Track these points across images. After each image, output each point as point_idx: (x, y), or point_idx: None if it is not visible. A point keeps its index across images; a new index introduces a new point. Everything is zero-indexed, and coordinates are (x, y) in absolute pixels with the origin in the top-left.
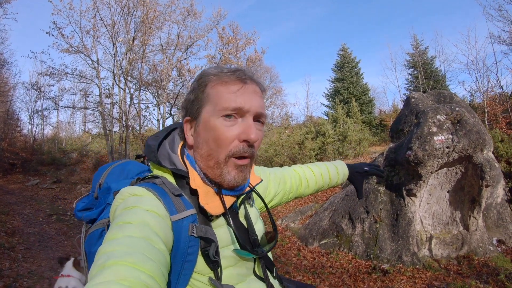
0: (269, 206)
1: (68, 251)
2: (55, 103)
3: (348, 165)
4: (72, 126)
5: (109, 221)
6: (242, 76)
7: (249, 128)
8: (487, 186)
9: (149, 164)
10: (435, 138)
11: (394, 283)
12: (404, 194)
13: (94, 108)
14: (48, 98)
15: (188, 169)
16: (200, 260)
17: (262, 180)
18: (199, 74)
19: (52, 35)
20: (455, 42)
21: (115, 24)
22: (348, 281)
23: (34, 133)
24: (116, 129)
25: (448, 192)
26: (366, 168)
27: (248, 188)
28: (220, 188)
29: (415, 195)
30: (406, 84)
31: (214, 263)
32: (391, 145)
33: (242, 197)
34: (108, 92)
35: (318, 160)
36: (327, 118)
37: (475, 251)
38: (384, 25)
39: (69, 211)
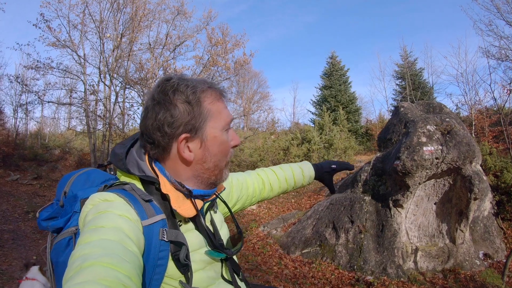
0: (232, 210)
1: (41, 251)
2: (39, 98)
3: (315, 165)
4: (57, 122)
5: (76, 229)
6: (220, 89)
7: (236, 136)
8: (475, 199)
9: (112, 173)
10: (424, 148)
11: None
12: (391, 205)
13: (78, 105)
14: (32, 92)
15: (158, 176)
16: (171, 265)
17: (225, 188)
18: (181, 87)
19: (39, 28)
20: (445, 54)
21: (103, 20)
22: None
23: (17, 127)
24: (100, 127)
25: (435, 203)
26: (333, 166)
27: (214, 195)
28: (190, 192)
29: (401, 206)
30: (394, 95)
31: (184, 267)
32: (378, 154)
33: (207, 204)
34: (93, 89)
35: None
36: (313, 125)
37: (461, 265)
38: (374, 36)
39: None
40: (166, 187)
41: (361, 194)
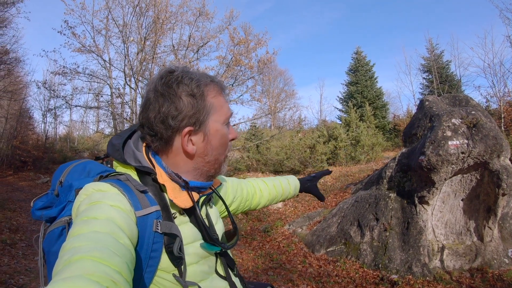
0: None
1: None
2: (67, 102)
3: (299, 178)
4: (85, 126)
5: (70, 218)
6: (221, 83)
7: (233, 130)
8: (503, 194)
9: (109, 165)
10: (449, 142)
11: None
12: (416, 202)
13: (105, 108)
14: (60, 97)
15: (154, 166)
16: (164, 257)
17: (221, 183)
18: (186, 81)
19: (64, 34)
20: (472, 45)
21: (127, 24)
22: None
23: (46, 131)
24: None
25: (462, 200)
26: (313, 175)
27: (209, 190)
28: (187, 183)
29: (427, 203)
30: (421, 89)
31: (178, 260)
32: (403, 150)
33: (203, 198)
34: (119, 92)
35: (330, 164)
36: (340, 122)
37: (489, 264)
38: (399, 29)
39: None
40: (162, 177)
41: (386, 191)
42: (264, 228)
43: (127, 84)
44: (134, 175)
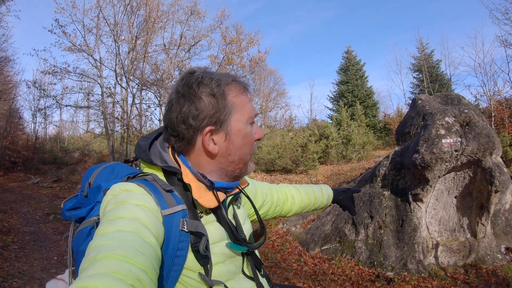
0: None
1: (62, 251)
2: (57, 102)
3: (333, 188)
4: (75, 125)
5: (98, 218)
6: (245, 83)
7: (259, 129)
8: (496, 191)
9: (138, 168)
10: (443, 141)
11: None
12: (410, 199)
13: (96, 108)
14: (50, 97)
15: (180, 166)
16: (190, 256)
17: (248, 184)
18: (208, 81)
19: (55, 33)
20: (462, 45)
21: (118, 23)
22: None
23: (36, 131)
24: (117, 128)
25: (455, 197)
26: (347, 187)
27: (237, 189)
28: (212, 183)
29: (421, 200)
30: (411, 88)
31: (204, 259)
32: (396, 148)
33: (230, 198)
34: (110, 91)
35: (321, 163)
36: (330, 121)
37: (483, 259)
38: (390, 29)
39: None
40: (188, 177)
41: (380, 189)
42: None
43: (118, 84)
44: (160, 175)
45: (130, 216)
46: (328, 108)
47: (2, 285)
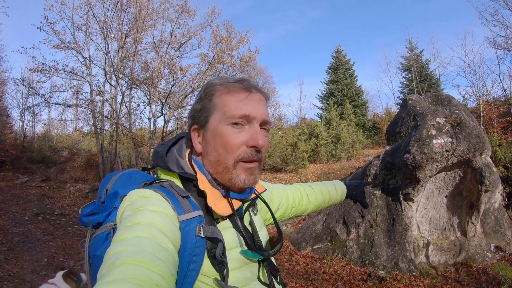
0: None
1: (52, 252)
2: (46, 100)
3: (346, 183)
4: (64, 124)
5: (115, 224)
6: (247, 85)
7: (256, 134)
8: (486, 191)
9: (155, 175)
10: (434, 141)
11: None
12: (401, 199)
13: (85, 106)
14: (38, 95)
15: (196, 173)
16: (206, 262)
17: (266, 189)
18: (206, 84)
19: (44, 31)
20: (452, 46)
21: (107, 20)
22: None
23: (24, 130)
24: (107, 127)
25: (445, 197)
26: (358, 181)
27: (253, 195)
28: (228, 191)
29: (412, 200)
30: (401, 87)
31: (220, 265)
32: (387, 148)
33: (247, 204)
34: (99, 89)
35: (311, 162)
36: (320, 120)
37: (473, 258)
38: (379, 29)
39: (57, 210)
40: (203, 184)
41: (371, 189)
42: None
43: (108, 82)
44: (177, 181)
45: (147, 222)
46: (317, 107)
47: None
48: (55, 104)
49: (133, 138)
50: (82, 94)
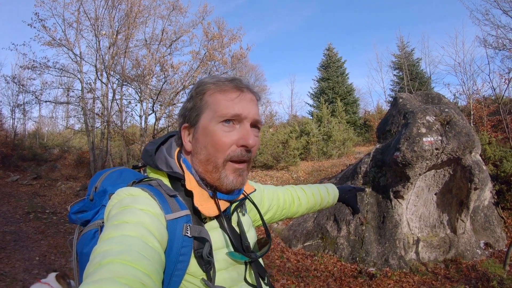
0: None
1: (44, 251)
2: (37, 97)
3: (338, 187)
4: (55, 121)
5: (103, 222)
6: (239, 84)
7: (247, 134)
8: (475, 189)
9: (145, 173)
10: (424, 139)
11: None
12: (391, 196)
13: (76, 103)
14: (29, 92)
15: (184, 172)
16: (193, 262)
17: (255, 189)
18: (197, 83)
19: (34, 27)
20: (443, 44)
21: (98, 17)
22: (334, 285)
23: (15, 127)
24: (98, 125)
25: (435, 194)
26: (352, 186)
27: (242, 196)
28: (215, 192)
29: (402, 197)
30: (392, 85)
31: (207, 264)
32: (378, 146)
33: (235, 204)
34: (90, 87)
35: (302, 159)
36: (311, 117)
37: (462, 255)
38: (371, 28)
39: (48, 209)
40: (191, 184)
41: (362, 186)
42: None
43: (99, 79)
44: (166, 180)
45: (134, 220)
46: (308, 104)
47: None
48: (46, 101)
49: (124, 136)
50: (73, 91)
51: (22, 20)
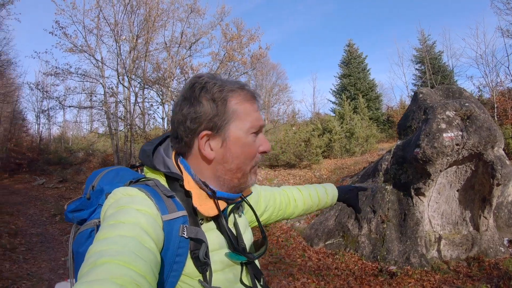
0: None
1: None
2: (60, 103)
3: (338, 187)
4: (79, 126)
5: (99, 221)
6: (255, 93)
7: (266, 142)
8: (498, 184)
9: (143, 173)
10: (444, 135)
11: (401, 286)
12: (412, 193)
13: (99, 108)
14: (53, 98)
15: (182, 173)
16: (189, 263)
17: (252, 192)
18: (211, 85)
19: (55, 35)
20: (463, 36)
21: (118, 22)
22: (354, 284)
23: (40, 132)
24: (121, 128)
25: (457, 191)
26: (353, 186)
27: (239, 198)
28: (214, 192)
29: (423, 194)
30: (414, 80)
31: (203, 266)
32: (398, 142)
33: (231, 206)
34: (112, 91)
35: (325, 157)
36: (334, 114)
37: (485, 252)
38: (391, 21)
39: None
40: (189, 184)
41: (383, 184)
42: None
43: (120, 83)
44: (163, 180)
45: (131, 221)
46: (331, 101)
47: (11, 287)
48: (69, 106)
49: (147, 138)
50: (95, 96)
51: (43, 29)
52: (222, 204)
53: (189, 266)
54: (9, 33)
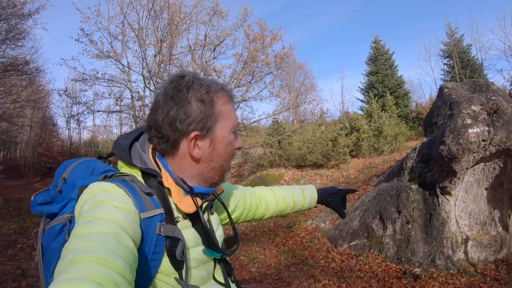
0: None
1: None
2: (89, 108)
3: (319, 190)
4: (109, 129)
5: (71, 216)
6: (233, 94)
7: (239, 139)
8: None
9: (111, 165)
10: (469, 130)
11: None
12: (438, 192)
13: (127, 112)
14: (81, 103)
15: (160, 170)
16: (165, 260)
17: (223, 190)
18: (198, 86)
19: (81, 42)
20: (491, 27)
21: (142, 28)
22: (376, 286)
23: (70, 137)
24: None
25: (485, 189)
26: (338, 188)
27: (212, 195)
28: (191, 189)
29: (449, 193)
30: (442, 75)
31: (180, 263)
32: (424, 140)
33: (206, 203)
34: (138, 95)
35: (353, 157)
36: (362, 113)
37: None
38: (417, 16)
39: None
40: (168, 181)
41: (408, 183)
42: (287, 224)
43: (147, 87)
44: (139, 176)
45: (108, 217)
46: (359, 100)
47: (35, 285)
48: (98, 111)
49: None
50: (123, 100)
51: (69, 36)
52: (198, 202)
53: (165, 263)
54: (37, 41)
